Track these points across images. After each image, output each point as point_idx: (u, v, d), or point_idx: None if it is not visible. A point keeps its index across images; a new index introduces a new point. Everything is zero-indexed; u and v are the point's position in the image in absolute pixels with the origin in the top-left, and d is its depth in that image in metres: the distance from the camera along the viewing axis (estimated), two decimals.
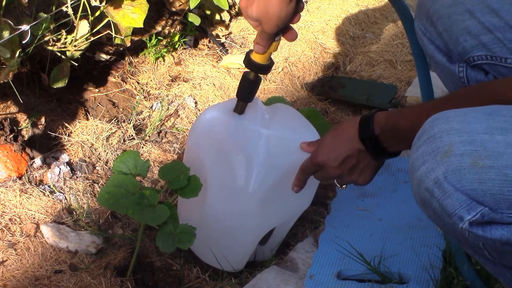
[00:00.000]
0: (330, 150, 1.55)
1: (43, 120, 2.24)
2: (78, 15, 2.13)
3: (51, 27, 2.14)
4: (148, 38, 2.60)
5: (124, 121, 2.36)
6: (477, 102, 1.24)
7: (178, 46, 2.67)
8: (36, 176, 2.10)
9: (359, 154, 1.51)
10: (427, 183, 1.19)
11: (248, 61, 1.66)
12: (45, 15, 2.08)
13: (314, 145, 1.65)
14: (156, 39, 2.60)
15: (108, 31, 2.24)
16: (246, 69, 1.69)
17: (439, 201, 1.19)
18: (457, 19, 1.50)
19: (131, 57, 2.59)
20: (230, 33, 2.84)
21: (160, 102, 2.45)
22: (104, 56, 2.52)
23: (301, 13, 1.60)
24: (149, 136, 2.33)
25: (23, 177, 2.08)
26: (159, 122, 2.38)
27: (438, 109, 1.29)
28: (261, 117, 1.74)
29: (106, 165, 2.19)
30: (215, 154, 1.73)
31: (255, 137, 1.71)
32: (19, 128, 2.19)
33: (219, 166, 1.72)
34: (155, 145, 2.30)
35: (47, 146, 2.19)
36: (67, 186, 2.09)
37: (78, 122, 2.30)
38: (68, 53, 2.21)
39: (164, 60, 2.62)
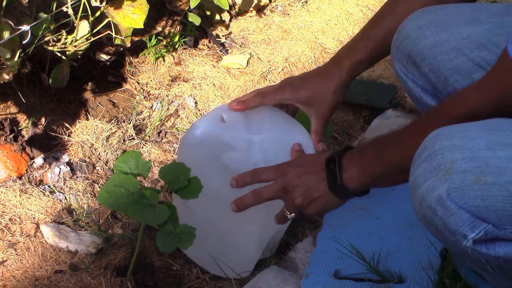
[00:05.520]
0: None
1: (43, 120, 2.24)
2: (79, 16, 2.13)
3: (51, 27, 2.14)
4: (148, 38, 2.60)
5: (124, 121, 2.36)
6: (433, 128, 1.23)
7: (178, 46, 2.67)
8: (36, 176, 2.10)
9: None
10: (430, 201, 1.18)
11: None
12: (45, 15, 2.08)
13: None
14: (156, 39, 2.60)
15: (108, 32, 2.24)
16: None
17: (442, 219, 1.18)
18: (443, 59, 1.46)
19: (131, 57, 2.59)
20: (230, 33, 2.84)
21: (160, 102, 2.45)
22: (104, 56, 2.52)
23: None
24: (149, 136, 2.34)
25: (23, 177, 2.08)
26: (159, 122, 2.38)
27: (396, 145, 1.33)
28: (248, 123, 1.73)
29: (106, 165, 2.19)
30: (210, 169, 1.70)
31: (248, 145, 1.70)
32: (19, 128, 2.20)
33: (215, 181, 1.69)
34: (155, 145, 2.30)
35: (47, 146, 2.20)
36: (67, 186, 2.09)
37: (78, 122, 2.30)
38: (68, 53, 2.22)
39: (164, 60, 2.63)
